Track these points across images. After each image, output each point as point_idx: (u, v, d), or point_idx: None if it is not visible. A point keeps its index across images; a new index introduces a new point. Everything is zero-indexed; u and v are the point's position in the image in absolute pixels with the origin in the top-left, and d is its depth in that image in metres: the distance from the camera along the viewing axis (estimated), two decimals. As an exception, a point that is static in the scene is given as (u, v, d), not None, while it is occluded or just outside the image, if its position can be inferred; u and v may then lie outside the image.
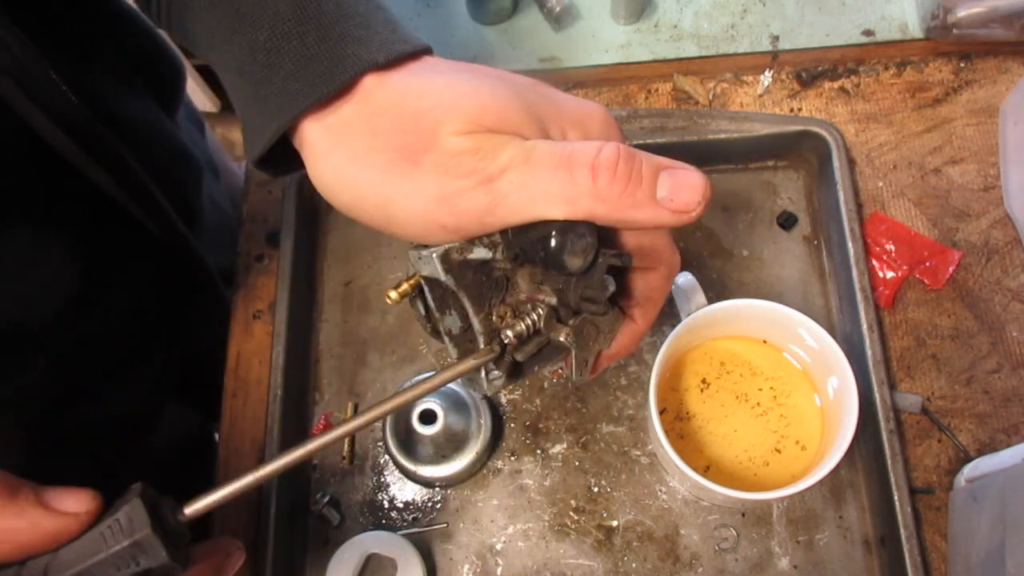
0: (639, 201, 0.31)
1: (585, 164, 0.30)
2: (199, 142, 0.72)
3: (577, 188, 0.30)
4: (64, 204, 0.47)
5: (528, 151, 0.30)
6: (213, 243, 0.65)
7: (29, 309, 0.47)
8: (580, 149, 0.30)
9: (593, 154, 0.30)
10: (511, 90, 0.32)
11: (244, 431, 0.59)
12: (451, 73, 0.32)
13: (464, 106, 0.31)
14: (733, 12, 0.69)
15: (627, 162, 0.30)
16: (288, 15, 0.32)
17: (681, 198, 0.31)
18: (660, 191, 0.31)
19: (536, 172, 0.30)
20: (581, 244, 0.32)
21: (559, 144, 0.31)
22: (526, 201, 0.30)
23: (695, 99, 0.67)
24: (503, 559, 0.55)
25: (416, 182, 0.31)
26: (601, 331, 0.36)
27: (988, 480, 0.50)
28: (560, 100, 0.33)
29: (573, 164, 0.30)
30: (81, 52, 0.49)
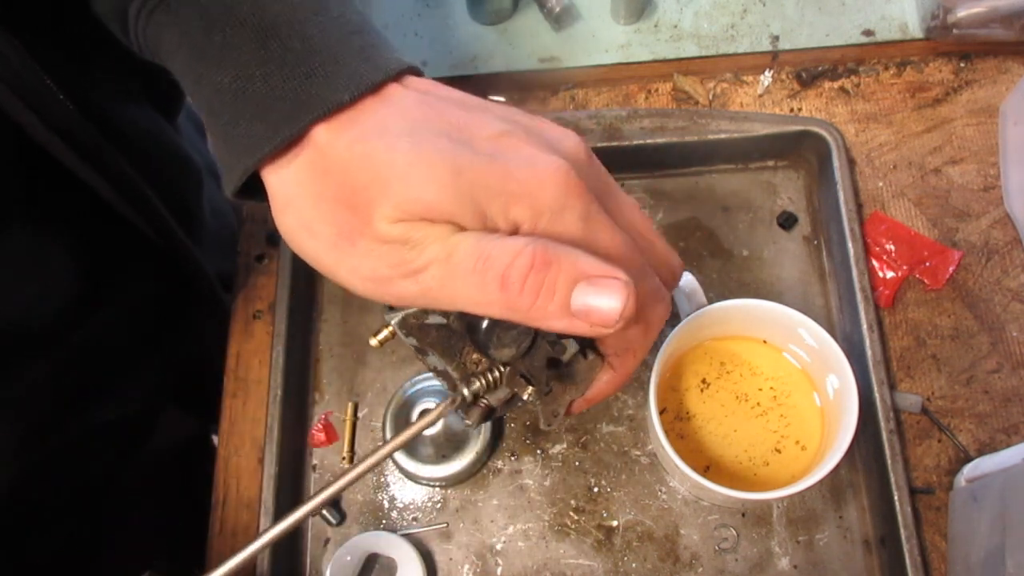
0: (551, 313, 0.29)
1: (496, 273, 0.29)
2: (200, 145, 0.72)
3: (488, 296, 0.29)
4: (64, 209, 0.47)
5: (450, 250, 0.30)
6: (213, 248, 0.64)
7: (28, 313, 0.47)
8: (496, 255, 0.29)
9: (506, 262, 0.29)
10: (450, 168, 0.30)
11: (244, 431, 0.59)
12: (399, 136, 0.30)
13: (396, 191, 0.30)
14: (733, 12, 0.68)
15: (539, 273, 0.29)
16: (252, 56, 0.31)
17: (597, 314, 0.29)
18: (575, 302, 0.29)
19: (455, 272, 0.30)
20: (510, 336, 0.32)
21: (481, 243, 0.30)
22: (449, 297, 0.30)
23: (695, 99, 0.67)
24: (503, 559, 0.55)
25: (354, 261, 0.31)
26: (574, 381, 0.36)
27: (988, 480, 0.50)
28: (512, 166, 0.30)
29: (486, 271, 0.29)
30: (79, 58, 0.49)
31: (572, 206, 0.30)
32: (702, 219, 0.64)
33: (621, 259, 0.32)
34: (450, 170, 0.29)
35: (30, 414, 0.50)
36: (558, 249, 0.29)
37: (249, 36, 0.31)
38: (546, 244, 0.29)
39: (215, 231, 0.67)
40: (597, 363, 0.37)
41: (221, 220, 0.70)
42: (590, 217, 0.31)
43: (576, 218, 0.31)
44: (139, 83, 0.57)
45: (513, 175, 0.30)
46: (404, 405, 0.56)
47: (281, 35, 0.31)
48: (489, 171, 0.30)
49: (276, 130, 0.31)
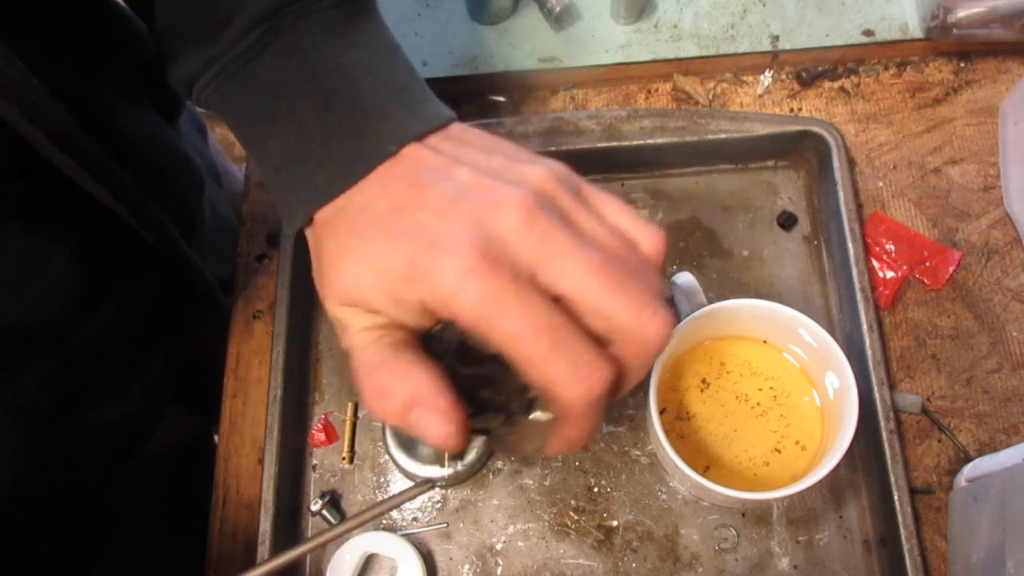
0: (396, 422, 0.34)
1: (363, 383, 0.35)
2: (201, 148, 0.72)
3: (363, 396, 0.35)
4: (63, 212, 0.47)
5: (353, 345, 0.36)
6: (213, 251, 0.64)
7: (28, 314, 0.46)
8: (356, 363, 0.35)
9: (357, 373, 0.35)
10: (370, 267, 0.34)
11: (244, 431, 0.59)
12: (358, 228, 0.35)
13: (330, 281, 0.36)
14: (733, 12, 0.69)
15: (373, 395, 0.34)
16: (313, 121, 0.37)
17: (430, 435, 0.34)
18: (413, 422, 0.34)
19: (355, 365, 0.35)
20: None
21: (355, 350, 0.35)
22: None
23: (695, 99, 0.67)
24: (503, 559, 0.55)
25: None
26: (527, 436, 0.37)
27: (988, 480, 0.50)
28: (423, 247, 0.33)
29: (358, 377, 0.35)
30: (82, 64, 0.49)
31: (466, 290, 0.31)
32: (702, 219, 0.64)
33: (522, 338, 0.31)
34: (369, 262, 0.34)
35: (29, 415, 0.50)
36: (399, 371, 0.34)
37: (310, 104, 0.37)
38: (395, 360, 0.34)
39: (215, 233, 0.67)
40: (540, 421, 0.36)
41: (221, 222, 0.70)
42: (487, 299, 0.31)
43: (468, 302, 0.31)
44: (141, 87, 0.57)
45: (417, 259, 0.33)
46: (404, 405, 0.56)
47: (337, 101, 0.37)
48: (399, 257, 0.33)
49: (330, 184, 0.36)
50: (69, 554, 0.60)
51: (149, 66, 0.59)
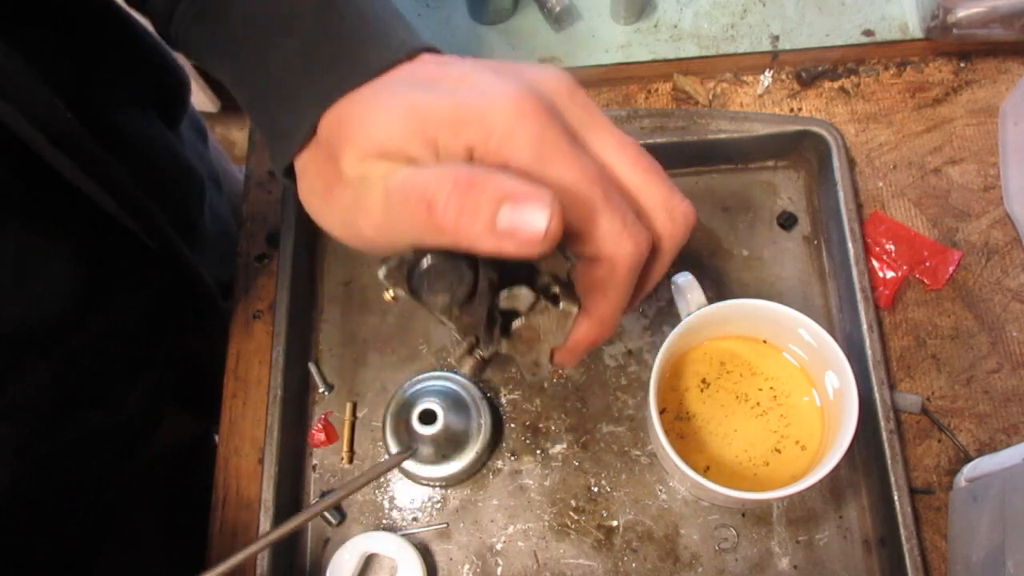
0: (478, 234, 0.29)
1: (421, 198, 0.29)
2: (202, 152, 0.72)
3: (419, 222, 0.30)
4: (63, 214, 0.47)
5: (389, 185, 0.31)
6: (212, 255, 0.64)
7: (28, 317, 0.46)
8: (421, 182, 0.30)
9: (431, 187, 0.29)
10: (402, 107, 0.31)
11: (244, 431, 0.59)
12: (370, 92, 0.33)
13: (356, 136, 0.32)
14: (733, 12, 0.69)
15: (462, 195, 0.29)
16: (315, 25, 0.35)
17: (522, 233, 0.29)
18: (501, 222, 0.29)
19: (392, 206, 0.31)
20: (443, 282, 0.32)
21: (412, 173, 0.31)
22: (394, 232, 0.31)
23: (695, 99, 0.67)
24: (503, 559, 0.55)
25: (330, 209, 0.34)
26: (545, 331, 0.36)
27: (988, 480, 0.50)
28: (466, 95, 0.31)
29: (414, 198, 0.30)
30: (83, 69, 0.49)
31: (524, 129, 0.30)
32: (702, 219, 0.64)
33: (577, 186, 0.31)
34: (402, 109, 0.31)
35: (29, 416, 0.50)
36: (484, 172, 0.29)
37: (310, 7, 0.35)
38: (471, 167, 0.30)
39: (215, 238, 0.67)
40: (570, 311, 0.35)
41: (221, 227, 0.70)
42: (544, 142, 0.30)
43: (527, 142, 0.30)
44: (142, 91, 0.57)
45: (464, 102, 0.31)
46: (404, 405, 0.56)
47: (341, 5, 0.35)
48: (441, 103, 0.31)
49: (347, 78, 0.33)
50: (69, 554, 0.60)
51: (151, 69, 0.59)
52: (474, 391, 0.57)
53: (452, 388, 0.56)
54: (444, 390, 0.56)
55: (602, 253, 0.32)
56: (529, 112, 0.30)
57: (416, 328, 0.62)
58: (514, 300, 0.35)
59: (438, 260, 0.32)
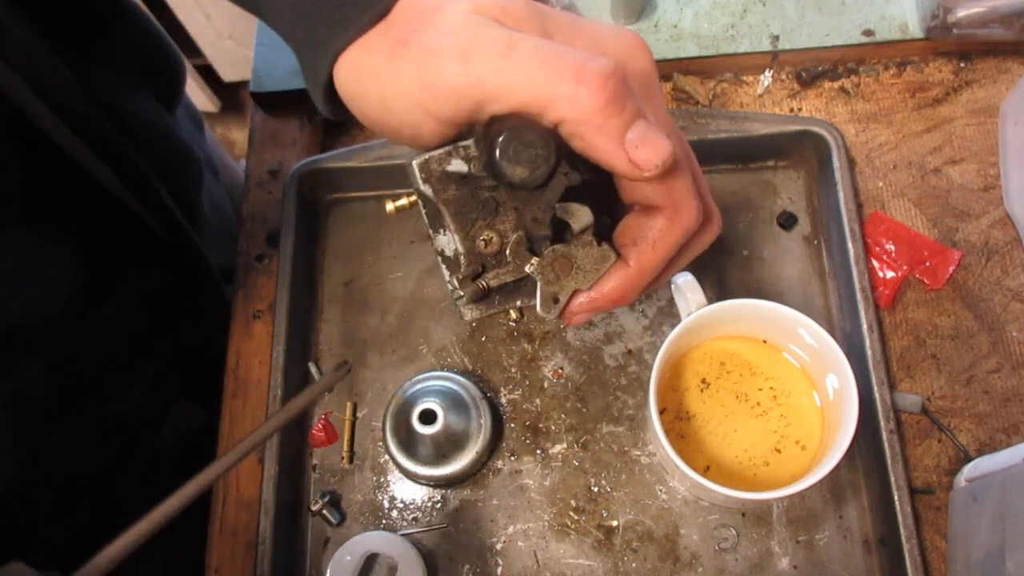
0: (608, 129, 0.30)
1: (573, 65, 0.29)
2: (199, 141, 0.72)
3: (556, 86, 0.29)
4: (67, 203, 0.47)
5: (513, 38, 0.30)
6: (213, 242, 0.65)
7: (31, 310, 0.47)
8: (572, 52, 0.30)
9: (585, 59, 0.29)
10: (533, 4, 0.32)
11: (244, 431, 0.59)
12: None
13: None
14: (733, 12, 0.69)
15: (617, 84, 0.29)
16: None
17: (644, 152, 0.30)
18: (631, 133, 0.30)
19: (517, 60, 0.29)
20: (527, 154, 0.31)
21: (550, 43, 0.30)
22: (502, 88, 0.30)
23: (695, 99, 0.67)
24: (503, 559, 0.55)
25: (403, 61, 0.31)
26: (579, 267, 0.35)
27: (988, 480, 0.50)
28: (580, 20, 0.32)
29: (560, 62, 0.29)
30: (83, 49, 0.49)
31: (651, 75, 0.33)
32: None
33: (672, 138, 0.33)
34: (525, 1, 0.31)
35: (33, 410, 0.50)
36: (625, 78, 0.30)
37: None
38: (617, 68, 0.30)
39: (214, 226, 0.67)
40: (609, 255, 0.35)
41: (219, 214, 0.70)
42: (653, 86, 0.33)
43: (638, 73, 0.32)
44: (140, 73, 0.57)
45: (586, 23, 0.32)
46: (404, 405, 0.56)
47: None
48: (561, 15, 0.32)
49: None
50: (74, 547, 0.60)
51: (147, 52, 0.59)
52: (474, 391, 0.57)
53: (452, 388, 0.56)
54: (444, 390, 0.56)
55: (668, 203, 0.33)
56: (654, 68, 0.34)
57: (416, 328, 0.62)
58: (571, 214, 0.34)
59: (528, 132, 0.31)
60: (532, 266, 0.35)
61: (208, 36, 1.52)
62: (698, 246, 0.38)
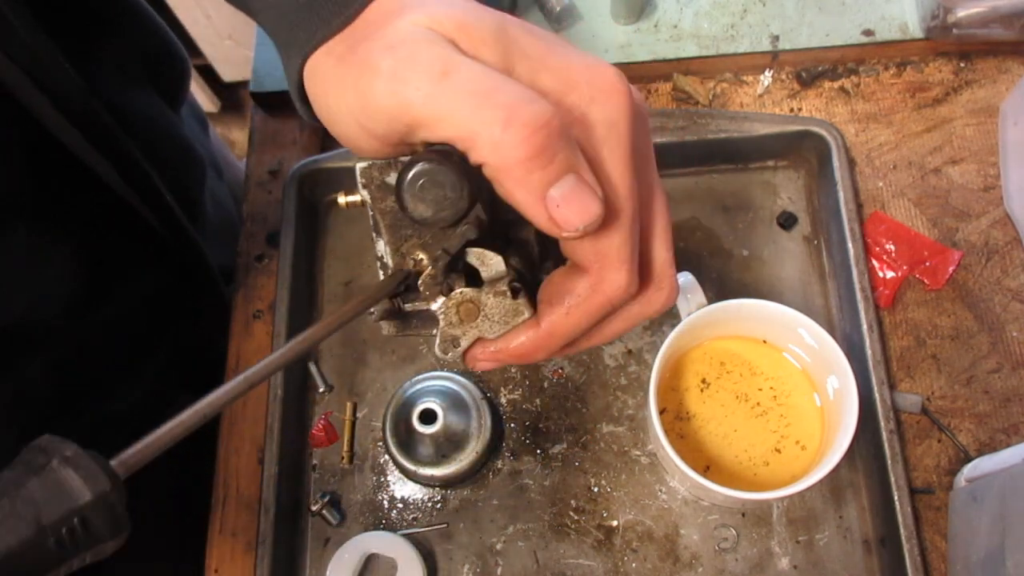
0: (529, 183, 0.27)
1: (503, 107, 0.26)
2: (203, 140, 0.72)
3: (480, 127, 0.26)
4: (67, 201, 0.47)
5: (450, 65, 0.27)
6: (215, 241, 0.65)
7: (31, 309, 0.47)
8: (510, 90, 0.27)
9: (519, 102, 0.26)
10: (496, 20, 0.29)
11: (244, 431, 0.59)
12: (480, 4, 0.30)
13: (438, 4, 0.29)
14: (733, 12, 0.68)
15: (548, 136, 0.26)
16: None
17: (564, 212, 0.27)
18: (554, 190, 0.27)
19: (447, 90, 0.27)
20: (434, 194, 0.29)
21: (493, 75, 0.27)
22: (427, 118, 0.27)
23: (695, 99, 0.67)
24: (503, 559, 0.55)
25: (346, 70, 0.29)
26: (487, 315, 0.33)
27: (988, 480, 0.50)
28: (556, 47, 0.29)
29: (490, 100, 0.26)
30: (86, 45, 0.49)
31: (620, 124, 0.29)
32: (702, 219, 0.64)
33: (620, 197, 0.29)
34: (495, 20, 0.29)
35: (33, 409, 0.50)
36: (570, 129, 0.27)
37: None
38: (566, 118, 0.27)
39: (216, 224, 0.67)
40: (522, 311, 0.33)
41: (222, 213, 0.70)
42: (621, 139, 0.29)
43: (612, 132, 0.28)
44: (145, 70, 0.57)
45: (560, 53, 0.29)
46: (404, 405, 0.56)
47: None
48: (533, 40, 0.29)
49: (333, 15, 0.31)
50: None
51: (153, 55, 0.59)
52: (474, 391, 0.57)
53: (452, 388, 0.56)
54: (444, 390, 0.56)
55: (593, 268, 0.31)
56: (629, 112, 0.29)
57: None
58: (483, 261, 0.32)
59: (440, 168, 0.29)
60: (437, 305, 0.33)
61: (208, 36, 1.53)
62: (636, 317, 0.34)
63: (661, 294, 0.33)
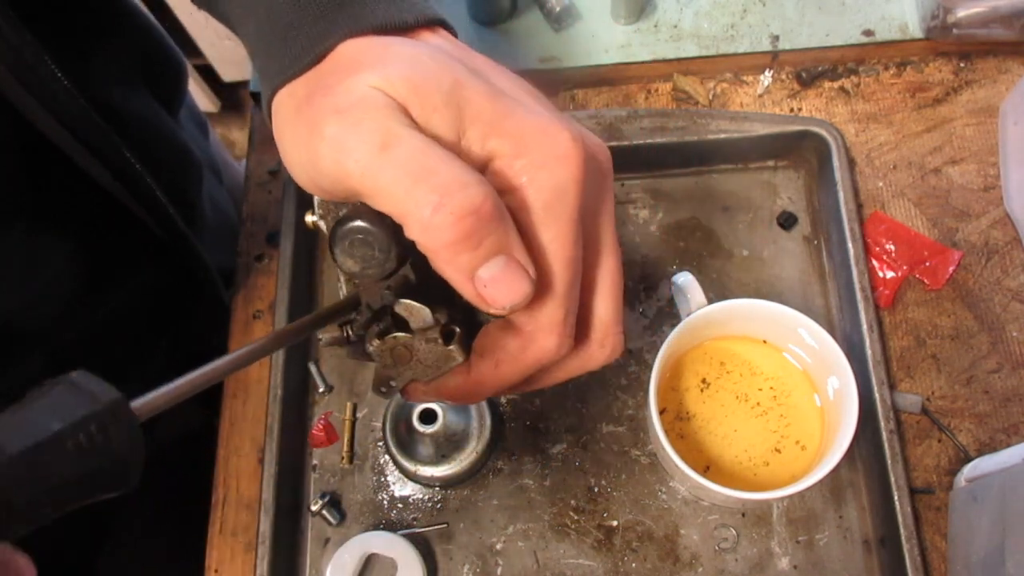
0: (457, 264, 0.28)
1: (436, 190, 0.26)
2: (201, 143, 0.72)
3: (412, 209, 0.27)
4: (63, 201, 0.47)
5: (390, 138, 0.27)
6: (213, 243, 0.65)
7: (28, 308, 0.47)
8: (445, 173, 0.27)
9: (452, 186, 0.27)
10: (451, 74, 0.29)
11: (244, 431, 0.59)
12: (417, 47, 0.30)
13: (390, 64, 0.29)
14: (733, 12, 0.68)
15: (477, 222, 0.27)
16: None
17: (492, 292, 0.28)
18: (483, 271, 0.28)
19: (384, 166, 0.27)
20: (362, 252, 0.29)
21: (433, 152, 0.27)
22: (365, 191, 0.28)
23: (695, 99, 0.67)
24: (503, 559, 0.55)
25: (300, 121, 0.30)
26: (419, 359, 0.34)
27: (988, 480, 0.50)
28: (512, 108, 0.29)
29: (423, 183, 0.27)
30: (80, 47, 0.49)
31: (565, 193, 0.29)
32: (702, 219, 0.64)
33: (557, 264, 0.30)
34: (450, 82, 0.29)
35: None
36: (504, 210, 0.28)
37: None
38: (498, 199, 0.28)
39: (216, 227, 0.67)
40: (454, 357, 0.33)
41: (221, 216, 0.70)
42: (564, 210, 0.29)
43: (555, 203, 0.29)
44: (141, 73, 0.57)
45: (514, 114, 0.29)
46: (404, 405, 0.56)
47: None
48: (489, 101, 0.29)
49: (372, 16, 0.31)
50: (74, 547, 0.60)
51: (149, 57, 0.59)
52: (474, 391, 0.57)
53: (452, 388, 0.56)
54: (444, 390, 0.56)
55: (526, 331, 0.31)
56: (580, 177, 0.29)
57: (416, 328, 0.62)
58: (410, 312, 0.32)
59: (372, 230, 0.29)
60: (372, 347, 0.34)
61: (208, 36, 1.53)
62: (576, 370, 0.34)
63: (603, 351, 0.34)
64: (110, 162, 0.47)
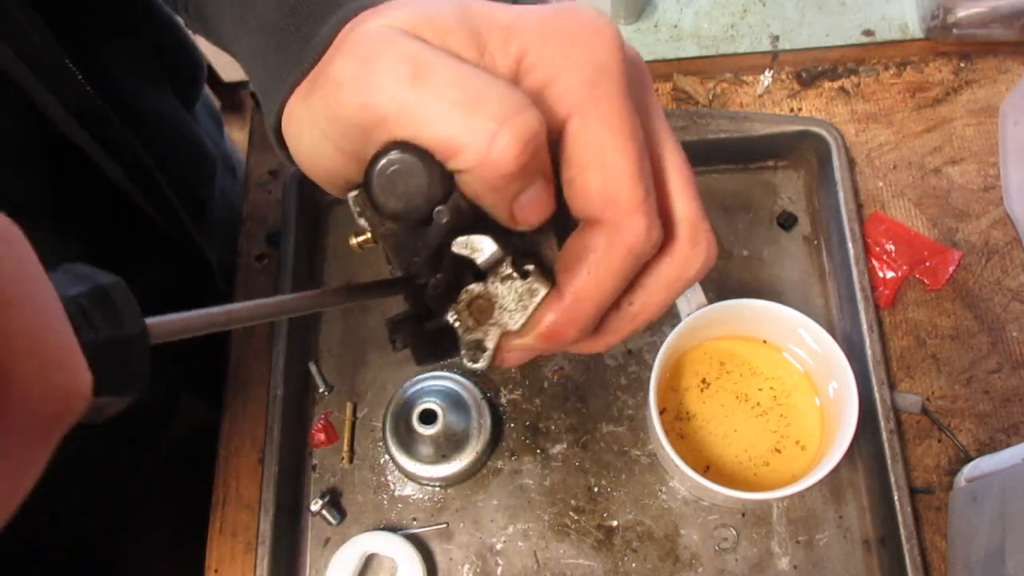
0: (505, 191, 0.26)
1: (493, 118, 0.24)
2: (217, 139, 0.72)
3: (467, 138, 0.24)
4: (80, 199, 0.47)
5: (423, 65, 0.25)
6: (222, 240, 0.65)
7: None
8: (494, 95, 0.24)
9: (507, 112, 0.24)
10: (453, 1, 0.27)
11: (244, 431, 0.59)
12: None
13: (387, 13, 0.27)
14: (733, 12, 0.68)
15: (536, 151, 0.25)
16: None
17: (528, 213, 0.27)
18: (524, 196, 0.26)
19: (427, 99, 0.25)
20: (403, 184, 0.26)
21: (472, 76, 0.25)
22: (407, 128, 0.25)
23: (695, 99, 0.67)
24: (503, 559, 0.55)
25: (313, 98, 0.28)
26: (502, 306, 0.30)
27: (988, 480, 0.50)
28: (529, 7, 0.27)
29: (477, 110, 0.24)
30: (98, 42, 0.49)
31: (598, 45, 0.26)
32: (702, 219, 0.64)
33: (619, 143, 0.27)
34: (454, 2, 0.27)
35: None
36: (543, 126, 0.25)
37: None
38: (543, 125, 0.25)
39: (225, 224, 0.67)
40: (537, 289, 0.29)
41: (233, 213, 0.70)
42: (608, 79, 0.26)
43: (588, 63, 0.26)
44: (158, 69, 0.57)
45: (531, 10, 0.27)
46: (404, 405, 0.56)
47: None
48: (499, 6, 0.27)
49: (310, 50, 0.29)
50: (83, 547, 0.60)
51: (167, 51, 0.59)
52: (474, 391, 0.57)
53: (452, 388, 0.56)
54: (444, 390, 0.56)
55: (608, 216, 0.27)
56: (619, 53, 0.26)
57: (416, 328, 0.62)
58: (472, 248, 0.28)
59: (407, 158, 0.26)
60: (450, 314, 0.30)
61: (208, 36, 1.52)
62: (677, 281, 0.30)
63: (698, 251, 0.29)
64: (124, 160, 0.47)
